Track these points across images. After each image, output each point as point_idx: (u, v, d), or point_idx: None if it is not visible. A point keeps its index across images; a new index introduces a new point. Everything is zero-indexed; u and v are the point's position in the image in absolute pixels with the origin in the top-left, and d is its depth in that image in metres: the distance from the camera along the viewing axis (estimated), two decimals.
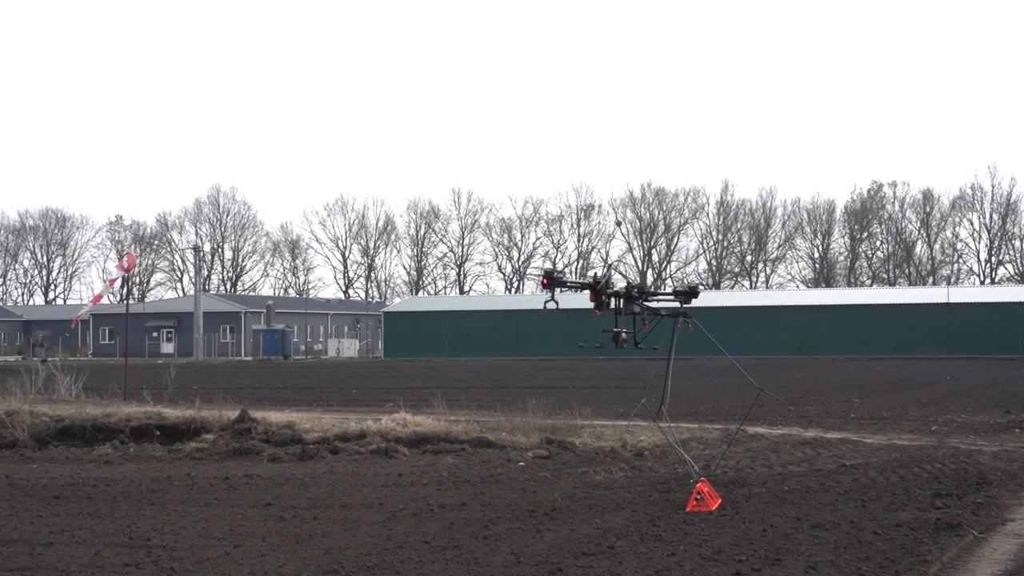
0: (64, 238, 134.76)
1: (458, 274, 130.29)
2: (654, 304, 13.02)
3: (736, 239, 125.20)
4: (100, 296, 34.95)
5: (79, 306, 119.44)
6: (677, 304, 13.15)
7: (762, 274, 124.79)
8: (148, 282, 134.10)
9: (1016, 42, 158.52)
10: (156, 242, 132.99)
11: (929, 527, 10.78)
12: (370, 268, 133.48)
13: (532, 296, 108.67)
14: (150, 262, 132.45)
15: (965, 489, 13.16)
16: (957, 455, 16.27)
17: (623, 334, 12.62)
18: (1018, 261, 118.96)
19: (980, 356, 72.39)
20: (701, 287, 13.50)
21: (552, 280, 12.19)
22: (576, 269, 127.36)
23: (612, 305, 12.66)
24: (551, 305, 12.13)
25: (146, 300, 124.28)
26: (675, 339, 12.85)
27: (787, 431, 19.99)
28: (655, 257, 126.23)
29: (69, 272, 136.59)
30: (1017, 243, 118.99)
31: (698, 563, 9.32)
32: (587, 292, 12.52)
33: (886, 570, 9.02)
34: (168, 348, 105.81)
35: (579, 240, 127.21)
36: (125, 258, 30.37)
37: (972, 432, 20.48)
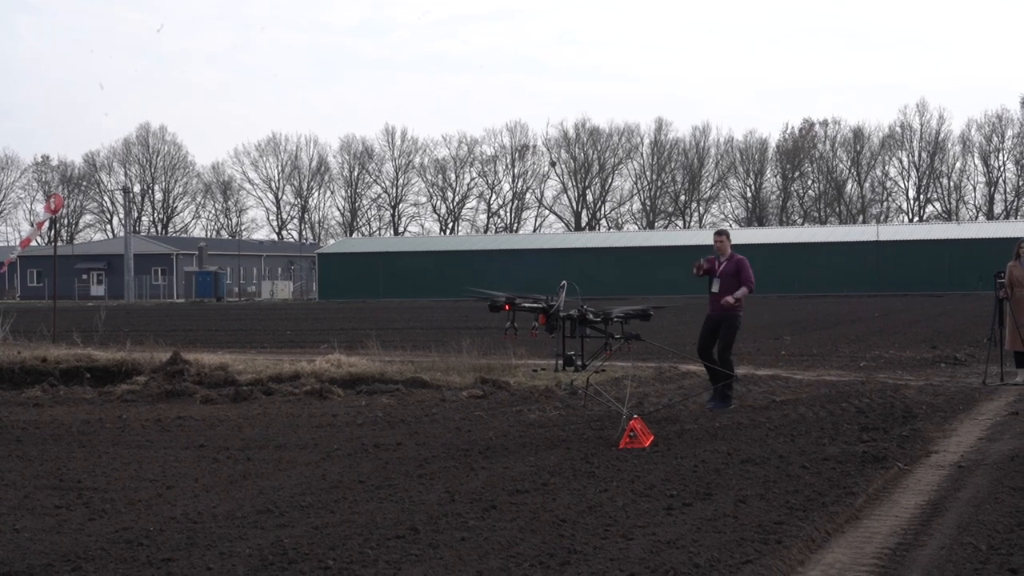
0: None
1: (392, 215, 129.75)
2: (609, 325, 13.59)
3: (670, 178, 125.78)
4: (29, 240, 34.28)
5: (6, 248, 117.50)
6: (629, 320, 13.73)
7: (695, 213, 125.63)
8: (77, 224, 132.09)
9: None
10: (84, 183, 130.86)
11: (856, 460, 10.97)
12: (303, 209, 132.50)
13: (467, 237, 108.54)
14: (78, 203, 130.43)
15: (891, 423, 13.40)
16: (884, 390, 16.55)
17: (574, 357, 13.37)
18: (945, 199, 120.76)
19: (908, 293, 73.55)
20: (651, 311, 14.13)
21: (513, 306, 13.03)
22: (511, 210, 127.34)
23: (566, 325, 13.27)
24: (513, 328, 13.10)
25: (75, 242, 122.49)
26: (612, 346, 13.47)
27: None
28: (589, 197, 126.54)
29: None
30: (944, 181, 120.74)
31: (631, 498, 9.43)
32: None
33: (813, 502, 9.17)
34: (98, 291, 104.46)
35: (514, 181, 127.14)
36: (52, 199, 29.77)
37: (899, 367, 20.84)
